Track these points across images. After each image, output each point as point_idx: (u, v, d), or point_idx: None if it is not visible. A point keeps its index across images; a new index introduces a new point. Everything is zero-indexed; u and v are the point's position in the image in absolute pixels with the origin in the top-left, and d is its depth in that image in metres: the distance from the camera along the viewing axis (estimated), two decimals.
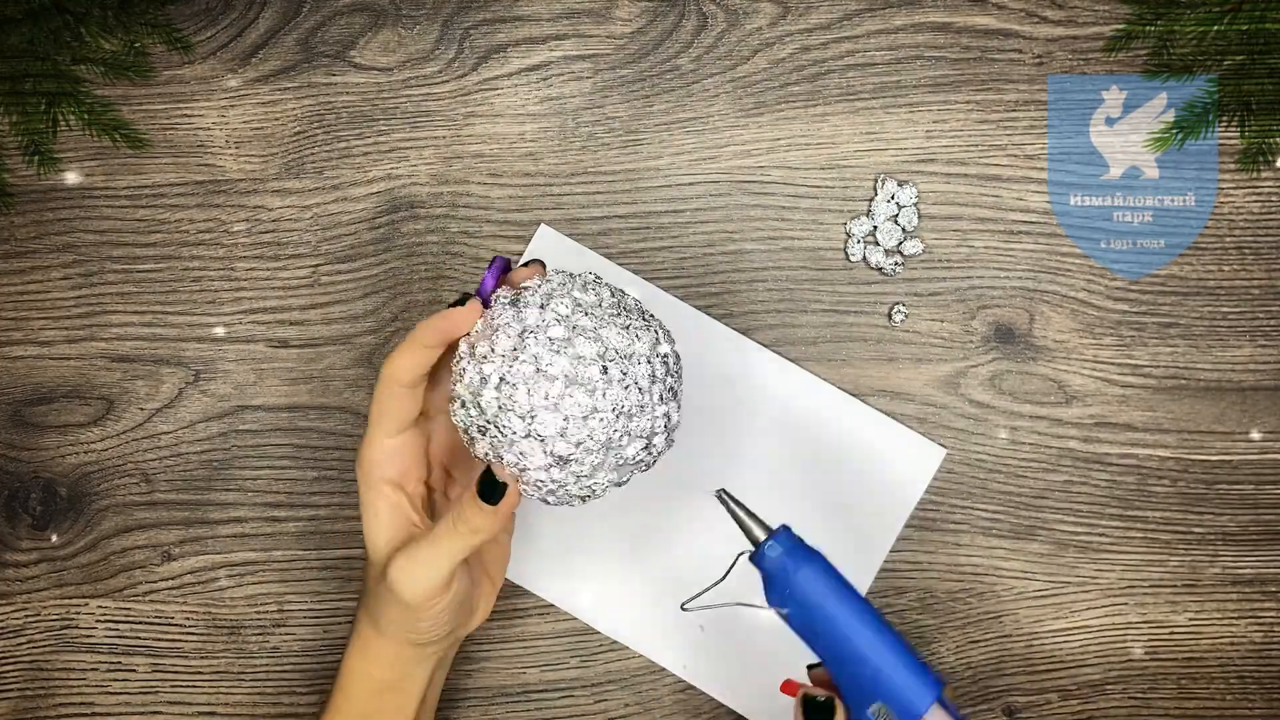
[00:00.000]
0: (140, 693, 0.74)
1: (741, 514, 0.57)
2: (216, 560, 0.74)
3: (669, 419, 0.59)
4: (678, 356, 0.60)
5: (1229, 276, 0.73)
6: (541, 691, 0.74)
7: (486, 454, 0.58)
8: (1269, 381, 0.73)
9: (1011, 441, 0.73)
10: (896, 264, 0.73)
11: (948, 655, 0.73)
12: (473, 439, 0.58)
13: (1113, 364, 0.73)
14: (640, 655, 0.73)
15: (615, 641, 0.73)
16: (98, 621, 0.74)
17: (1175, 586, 0.73)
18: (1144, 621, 0.73)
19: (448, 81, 0.74)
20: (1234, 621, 0.73)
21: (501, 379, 0.56)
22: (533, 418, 0.56)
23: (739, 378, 0.73)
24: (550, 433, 0.56)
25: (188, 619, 0.74)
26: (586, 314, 0.57)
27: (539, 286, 0.58)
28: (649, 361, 0.57)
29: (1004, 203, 0.73)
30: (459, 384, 0.58)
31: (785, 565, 0.56)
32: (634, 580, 0.73)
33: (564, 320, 0.56)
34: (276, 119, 0.74)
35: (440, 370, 0.62)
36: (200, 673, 0.74)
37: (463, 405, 0.58)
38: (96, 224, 0.74)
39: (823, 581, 0.56)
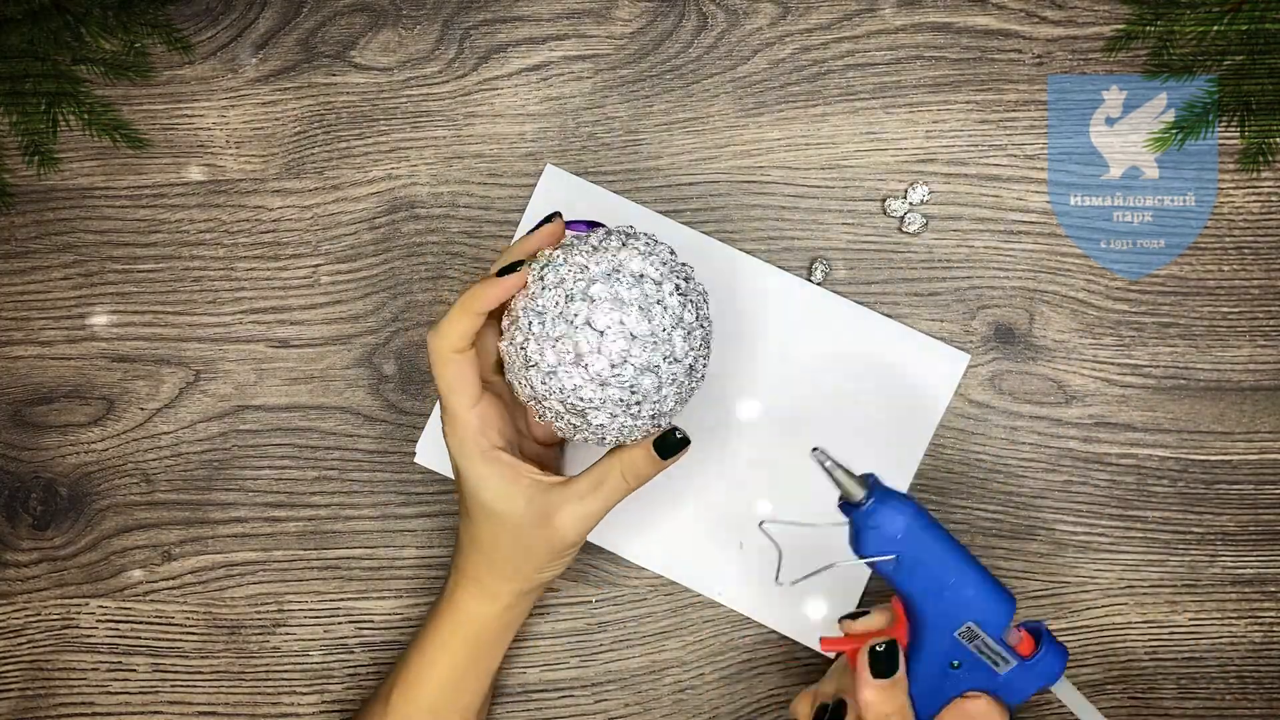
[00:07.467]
0: (140, 693, 0.74)
1: (839, 473, 0.58)
2: (216, 560, 0.74)
3: (692, 353, 0.61)
4: (700, 293, 0.62)
5: (1229, 276, 0.73)
6: (541, 691, 0.74)
7: (542, 412, 0.61)
8: (1269, 381, 0.73)
9: (1011, 441, 0.73)
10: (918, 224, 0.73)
11: None
12: (523, 383, 0.61)
13: (1113, 364, 0.73)
14: (639, 654, 0.73)
15: (615, 641, 0.73)
16: (98, 621, 0.74)
17: (1175, 586, 0.73)
18: (1144, 621, 0.73)
19: (448, 81, 0.74)
20: (1234, 621, 0.73)
21: (550, 337, 0.59)
22: (583, 365, 0.59)
23: (747, 297, 0.73)
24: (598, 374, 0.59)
25: (188, 619, 0.74)
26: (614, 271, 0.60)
27: (567, 249, 0.61)
28: (670, 298, 0.60)
29: (1004, 203, 0.73)
30: (512, 345, 0.61)
31: (887, 513, 0.58)
32: (668, 513, 0.73)
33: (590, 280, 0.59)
34: (276, 119, 0.74)
35: (486, 336, 0.65)
36: (200, 673, 0.74)
37: (517, 355, 0.61)
38: (97, 224, 0.74)
39: (920, 521, 0.58)
